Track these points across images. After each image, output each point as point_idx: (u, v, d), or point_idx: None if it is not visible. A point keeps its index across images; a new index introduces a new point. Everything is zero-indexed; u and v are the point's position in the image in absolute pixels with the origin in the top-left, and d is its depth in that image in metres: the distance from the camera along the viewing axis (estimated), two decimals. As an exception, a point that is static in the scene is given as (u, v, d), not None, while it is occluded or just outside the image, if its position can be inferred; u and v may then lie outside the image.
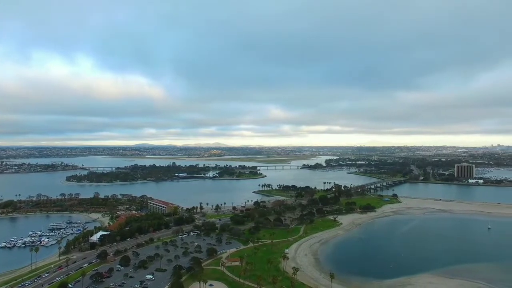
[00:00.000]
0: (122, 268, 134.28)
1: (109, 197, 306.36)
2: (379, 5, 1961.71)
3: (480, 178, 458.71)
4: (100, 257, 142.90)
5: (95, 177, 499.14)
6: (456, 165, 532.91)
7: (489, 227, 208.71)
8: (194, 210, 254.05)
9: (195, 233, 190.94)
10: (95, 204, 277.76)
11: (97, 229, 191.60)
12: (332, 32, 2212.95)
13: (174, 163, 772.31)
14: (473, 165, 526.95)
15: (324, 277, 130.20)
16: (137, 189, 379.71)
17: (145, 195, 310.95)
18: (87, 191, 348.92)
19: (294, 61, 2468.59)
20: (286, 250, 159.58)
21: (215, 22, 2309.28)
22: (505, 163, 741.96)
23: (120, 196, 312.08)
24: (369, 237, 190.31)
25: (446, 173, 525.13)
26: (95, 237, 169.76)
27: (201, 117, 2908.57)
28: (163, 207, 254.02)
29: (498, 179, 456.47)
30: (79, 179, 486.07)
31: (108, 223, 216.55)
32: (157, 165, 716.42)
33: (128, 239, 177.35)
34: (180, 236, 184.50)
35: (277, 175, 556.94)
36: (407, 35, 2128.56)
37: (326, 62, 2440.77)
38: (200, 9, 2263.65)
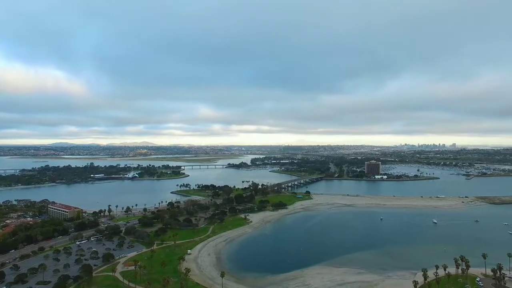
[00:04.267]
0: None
1: (1, 203, 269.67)
2: (300, 13, 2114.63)
3: (385, 174, 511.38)
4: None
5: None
6: (366, 162, 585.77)
7: (381, 218, 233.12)
8: (101, 214, 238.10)
9: (96, 238, 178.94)
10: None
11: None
12: (256, 34, 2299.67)
13: (92, 163, 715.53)
14: (380, 163, 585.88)
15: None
16: (42, 193, 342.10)
17: (47, 200, 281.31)
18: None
19: (221, 61, 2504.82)
20: (189, 251, 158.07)
21: (140, 16, 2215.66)
22: (407, 160, 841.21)
23: (15, 202, 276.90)
24: (276, 234, 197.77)
25: (358, 170, 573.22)
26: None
27: (127, 115, 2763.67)
28: (65, 211, 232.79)
29: (399, 174, 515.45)
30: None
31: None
32: (73, 165, 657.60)
33: (12, 250, 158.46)
34: (78, 243, 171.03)
35: (201, 175, 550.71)
36: (326, 42, 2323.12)
37: (252, 63, 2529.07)
38: (123, 2, 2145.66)
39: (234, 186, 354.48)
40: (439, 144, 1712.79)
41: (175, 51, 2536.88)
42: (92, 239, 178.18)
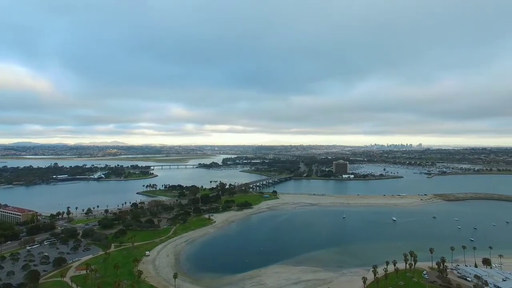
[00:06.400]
0: None
1: None
2: (272, 15, 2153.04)
3: (352, 174, 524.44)
4: None
5: None
6: (334, 162, 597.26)
7: (344, 216, 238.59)
8: (59, 216, 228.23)
9: (49, 242, 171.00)
10: None
11: None
12: (230, 35, 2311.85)
13: (56, 163, 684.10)
14: (347, 162, 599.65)
15: (178, 277, 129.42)
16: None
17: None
18: None
19: (194, 60, 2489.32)
20: (148, 252, 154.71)
21: (110, 13, 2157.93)
22: (375, 160, 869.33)
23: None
24: (238, 234, 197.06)
25: (327, 169, 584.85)
26: None
27: (97, 114, 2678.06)
28: (18, 215, 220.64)
29: (365, 174, 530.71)
30: None
31: None
32: (35, 166, 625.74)
33: None
34: (28, 247, 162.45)
35: (170, 175, 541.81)
36: (296, 44, 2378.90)
37: (225, 64, 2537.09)
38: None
39: (202, 186, 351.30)
40: (407, 144, 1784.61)
41: (146, 50, 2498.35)
42: (45, 243, 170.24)
